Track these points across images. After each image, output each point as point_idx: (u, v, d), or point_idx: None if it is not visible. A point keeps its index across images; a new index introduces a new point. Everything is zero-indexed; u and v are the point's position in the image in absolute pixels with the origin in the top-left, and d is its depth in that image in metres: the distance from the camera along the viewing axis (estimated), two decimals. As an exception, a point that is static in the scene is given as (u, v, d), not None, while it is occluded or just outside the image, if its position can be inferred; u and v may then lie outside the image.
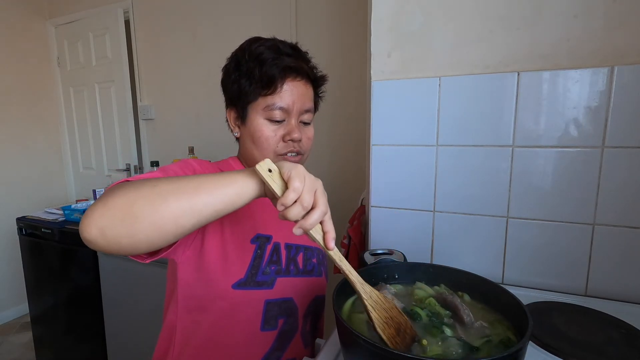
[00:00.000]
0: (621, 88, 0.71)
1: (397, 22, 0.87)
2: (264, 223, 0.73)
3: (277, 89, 0.68)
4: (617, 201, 0.74)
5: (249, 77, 0.69)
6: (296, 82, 0.70)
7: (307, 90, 0.72)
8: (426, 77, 0.85)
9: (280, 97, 0.68)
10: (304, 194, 0.45)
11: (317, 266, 0.80)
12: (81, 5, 2.57)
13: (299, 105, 0.70)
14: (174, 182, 0.48)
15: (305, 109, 0.71)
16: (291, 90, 0.69)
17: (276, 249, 0.72)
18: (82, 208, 1.98)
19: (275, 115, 0.69)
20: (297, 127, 0.70)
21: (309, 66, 0.72)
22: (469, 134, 0.83)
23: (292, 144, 0.70)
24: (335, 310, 0.51)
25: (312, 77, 0.74)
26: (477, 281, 0.60)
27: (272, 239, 0.72)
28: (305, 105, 0.71)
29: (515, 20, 0.77)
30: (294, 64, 0.69)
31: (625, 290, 0.76)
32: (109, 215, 0.44)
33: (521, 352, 0.43)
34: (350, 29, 1.67)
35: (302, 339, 0.75)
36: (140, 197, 0.45)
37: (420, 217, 0.90)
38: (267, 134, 0.69)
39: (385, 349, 0.42)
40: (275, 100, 0.68)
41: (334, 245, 0.48)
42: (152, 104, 2.37)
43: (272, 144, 0.70)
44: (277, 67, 0.68)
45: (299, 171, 0.47)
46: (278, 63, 0.68)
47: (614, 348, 0.59)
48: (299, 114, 0.71)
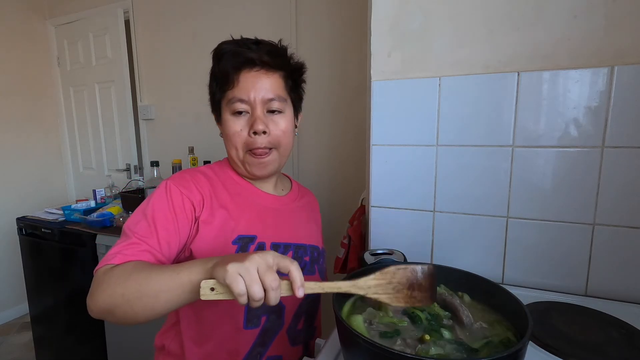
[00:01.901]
0: (621, 88, 0.71)
1: (397, 22, 0.87)
2: (247, 224, 0.72)
3: (234, 82, 0.70)
4: (617, 201, 0.74)
5: (214, 76, 0.75)
6: (254, 72, 0.70)
7: (270, 80, 0.71)
8: (426, 77, 0.85)
9: (239, 90, 0.70)
10: (250, 291, 0.44)
11: (310, 264, 0.80)
12: (81, 5, 2.57)
13: (262, 94, 0.70)
14: (139, 286, 0.53)
15: (269, 97, 0.70)
16: (248, 82, 0.70)
17: (260, 249, 0.71)
18: (82, 208, 1.98)
19: (236, 107, 0.70)
20: (262, 119, 0.70)
21: (274, 56, 0.72)
22: (469, 134, 0.83)
23: (259, 138, 0.70)
24: (335, 310, 0.51)
25: (277, 65, 0.72)
26: (477, 281, 0.60)
27: (257, 239, 0.72)
28: (268, 94, 0.70)
29: (516, 20, 0.77)
30: (250, 55, 0.69)
31: (625, 290, 0.75)
32: (103, 312, 0.56)
33: (521, 352, 0.43)
34: (350, 29, 1.67)
35: (288, 336, 0.75)
36: (116, 306, 0.54)
37: (420, 217, 0.90)
38: (233, 129, 0.71)
39: (385, 348, 0.42)
40: (235, 93, 0.70)
41: (304, 291, 0.47)
42: (152, 104, 2.37)
43: (239, 140, 0.71)
44: (231, 61, 0.70)
45: (233, 272, 0.44)
46: (233, 57, 0.70)
47: (614, 348, 0.59)
48: (263, 103, 0.70)
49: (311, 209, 0.91)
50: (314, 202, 0.95)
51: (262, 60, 0.70)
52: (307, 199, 0.91)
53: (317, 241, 0.86)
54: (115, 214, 1.86)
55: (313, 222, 0.89)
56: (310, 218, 0.89)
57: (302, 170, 1.89)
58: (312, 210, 0.92)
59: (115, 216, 1.85)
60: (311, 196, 0.95)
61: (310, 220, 0.88)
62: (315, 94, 1.79)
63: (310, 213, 0.90)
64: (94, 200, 2.11)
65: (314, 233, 0.87)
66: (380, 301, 0.49)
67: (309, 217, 0.88)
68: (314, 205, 0.95)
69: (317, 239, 0.87)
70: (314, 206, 0.94)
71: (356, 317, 0.54)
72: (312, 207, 0.93)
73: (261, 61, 0.70)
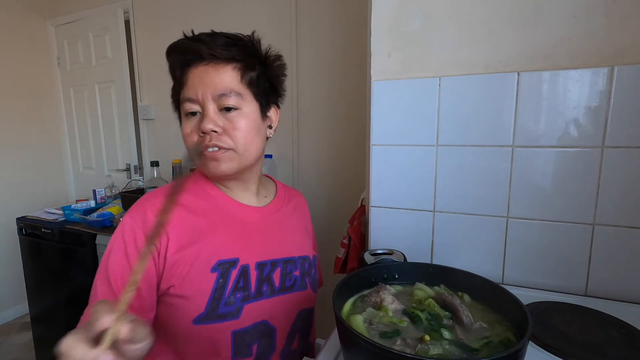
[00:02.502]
0: (621, 88, 0.71)
1: (397, 22, 0.87)
2: (227, 245, 0.66)
3: (183, 81, 0.66)
4: (617, 201, 0.74)
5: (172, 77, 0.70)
6: (202, 67, 0.64)
7: (221, 73, 0.63)
8: (426, 77, 0.85)
9: (188, 88, 0.64)
10: None
11: (301, 279, 0.74)
12: (81, 5, 2.57)
13: (210, 90, 0.63)
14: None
15: (220, 93, 0.63)
16: (196, 78, 0.64)
17: (244, 272, 0.65)
18: (82, 208, 1.98)
19: (187, 108, 0.65)
20: (212, 117, 0.63)
21: (227, 47, 0.63)
22: (469, 134, 0.83)
23: (208, 137, 0.63)
24: (335, 311, 0.51)
25: (230, 57, 0.64)
26: (477, 281, 0.60)
27: (239, 262, 0.65)
28: (218, 89, 0.63)
29: (516, 20, 0.77)
30: (198, 49, 0.63)
31: (626, 290, 0.75)
32: None
33: (521, 352, 0.42)
34: (350, 29, 1.67)
35: (281, 358, 0.71)
36: None
37: (420, 217, 0.90)
38: (185, 131, 0.66)
39: (385, 348, 0.42)
40: (185, 93, 0.65)
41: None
42: (152, 104, 2.37)
43: (190, 142, 0.66)
44: (178, 59, 0.66)
45: None
46: (181, 55, 0.66)
47: (614, 348, 0.59)
48: (214, 100, 0.63)
49: (300, 214, 0.85)
50: (302, 203, 0.88)
51: (212, 54, 0.63)
52: (295, 202, 0.84)
53: (308, 250, 0.80)
54: (115, 214, 1.86)
55: (303, 228, 0.83)
56: (299, 224, 0.82)
57: (302, 171, 1.89)
58: (301, 215, 0.85)
59: (115, 216, 1.85)
60: (299, 197, 0.88)
61: (299, 227, 0.82)
62: (316, 94, 1.79)
63: (299, 218, 0.83)
64: (94, 200, 2.11)
65: (304, 241, 0.80)
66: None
67: (297, 224, 0.82)
68: (303, 207, 0.88)
69: (307, 247, 0.80)
70: (302, 209, 0.87)
71: (356, 317, 0.54)
72: (302, 211, 0.86)
73: (210, 54, 0.63)
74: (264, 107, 0.69)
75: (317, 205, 1.89)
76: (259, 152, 0.70)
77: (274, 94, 0.73)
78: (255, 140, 0.67)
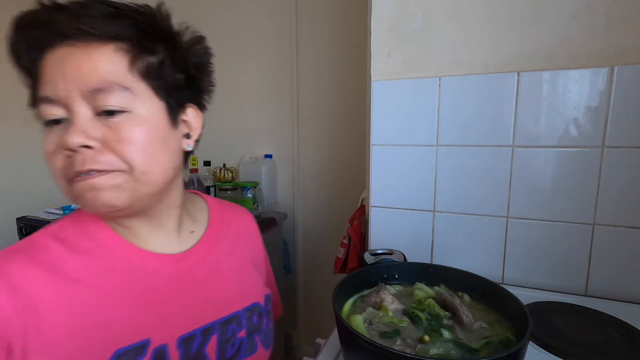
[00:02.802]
0: (621, 88, 0.71)
1: (397, 22, 0.87)
2: (129, 324, 0.45)
3: (36, 72, 0.43)
4: (617, 201, 0.74)
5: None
6: (62, 50, 0.41)
7: (94, 57, 0.41)
8: (426, 77, 0.85)
9: (44, 83, 0.42)
10: None
11: (248, 340, 0.56)
12: (81, 5, 2.57)
13: (78, 83, 0.41)
14: None
15: (93, 87, 0.41)
16: (55, 66, 0.41)
17: (159, 356, 0.46)
18: (82, 208, 1.98)
19: (44, 113, 0.43)
20: (81, 124, 0.41)
21: (107, 19, 0.42)
22: (469, 134, 0.83)
23: (78, 157, 0.41)
24: (335, 310, 0.51)
25: (111, 32, 0.42)
26: (477, 281, 0.60)
27: (150, 345, 0.45)
28: (89, 81, 0.41)
29: (515, 20, 0.77)
30: (57, 20, 0.41)
31: (625, 290, 0.75)
32: None
33: (521, 352, 0.43)
34: (350, 29, 1.67)
35: None
36: None
37: (420, 217, 0.90)
38: (46, 149, 0.44)
39: (385, 348, 0.42)
40: (40, 91, 0.43)
41: None
42: (152, 104, 2.37)
43: (55, 165, 0.44)
44: (21, 38, 0.43)
45: None
46: (25, 32, 0.42)
47: (614, 348, 0.59)
48: (85, 98, 0.41)
49: (244, 242, 0.63)
50: (247, 224, 0.67)
51: (79, 27, 0.40)
52: (236, 228, 0.63)
53: (257, 292, 0.60)
54: (115, 214, 1.86)
55: (249, 262, 0.62)
56: (243, 259, 0.61)
57: (302, 171, 1.89)
58: (246, 243, 0.64)
59: (115, 216, 1.85)
60: (241, 216, 0.66)
61: (243, 263, 0.61)
62: (316, 94, 1.79)
63: (243, 250, 0.62)
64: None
65: (251, 282, 0.60)
66: None
67: (241, 260, 0.61)
68: (248, 230, 0.66)
69: (256, 289, 0.60)
70: (248, 232, 0.66)
71: (356, 317, 0.54)
72: (246, 237, 0.65)
73: (76, 29, 0.40)
74: (173, 108, 0.48)
75: (317, 206, 1.89)
76: (169, 174, 0.48)
77: (191, 89, 0.51)
78: (159, 156, 0.45)
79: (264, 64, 1.89)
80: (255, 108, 1.96)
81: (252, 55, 1.92)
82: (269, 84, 1.89)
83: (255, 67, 1.92)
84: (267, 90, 1.90)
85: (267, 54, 1.88)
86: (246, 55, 1.93)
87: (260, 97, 1.93)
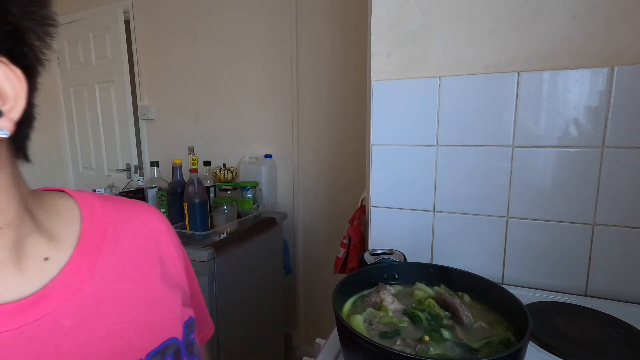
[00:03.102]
0: (621, 88, 0.71)
1: (397, 22, 0.87)
2: None
3: None
4: (617, 201, 0.74)
5: None
6: None
7: None
8: (426, 77, 0.85)
9: None
10: None
11: None
12: (81, 5, 2.57)
13: None
14: None
15: None
16: None
17: None
18: (82, 208, 1.97)
19: None
20: None
21: None
22: (469, 134, 0.83)
23: None
24: (335, 310, 0.51)
25: None
26: (477, 281, 0.60)
27: None
28: None
29: (516, 20, 0.77)
30: None
31: (625, 290, 0.75)
32: None
33: (521, 352, 0.43)
34: (350, 29, 1.67)
35: None
36: None
37: (420, 217, 0.90)
38: None
39: (385, 348, 0.42)
40: None
41: None
42: (152, 104, 2.37)
43: None
44: None
45: None
46: None
47: (614, 348, 0.59)
48: None
49: (147, 256, 0.42)
50: (151, 226, 0.44)
51: None
52: (132, 236, 0.41)
53: (173, 322, 0.42)
54: (115, 214, 1.86)
55: (156, 282, 0.42)
56: (146, 281, 0.41)
57: (302, 171, 1.89)
58: (150, 257, 0.42)
59: (115, 216, 1.85)
60: (142, 218, 0.44)
61: (147, 286, 0.41)
62: (315, 93, 1.79)
63: (144, 267, 0.41)
64: (94, 200, 2.11)
65: (161, 311, 0.41)
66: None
67: (141, 282, 0.40)
68: (153, 234, 0.44)
69: (171, 318, 0.42)
70: (152, 240, 0.44)
71: (356, 317, 0.54)
72: (149, 249, 0.43)
73: None
74: None
75: (317, 206, 1.89)
76: None
77: (7, 39, 0.29)
78: None
79: (264, 64, 1.89)
80: (255, 108, 1.96)
81: (253, 55, 1.92)
82: (269, 84, 1.90)
83: (256, 67, 1.92)
84: (267, 90, 1.91)
85: (267, 53, 1.88)
86: (246, 55, 1.93)
87: (261, 97, 1.93)
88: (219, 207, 1.49)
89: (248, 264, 1.55)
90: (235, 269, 1.47)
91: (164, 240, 0.46)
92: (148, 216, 0.46)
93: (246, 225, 1.59)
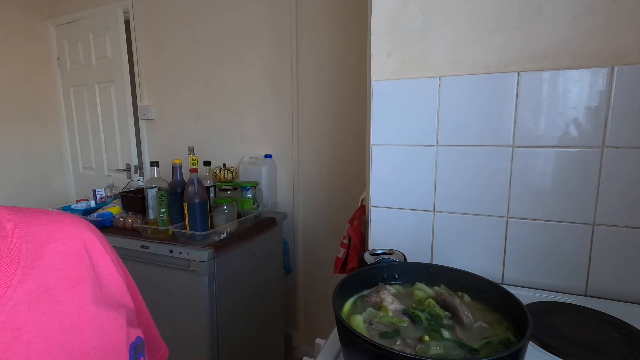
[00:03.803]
0: (621, 88, 0.71)
1: (397, 22, 0.87)
2: None
3: None
4: (617, 201, 0.74)
5: None
6: None
7: None
8: (426, 77, 0.85)
9: None
10: None
11: None
12: (81, 5, 2.57)
13: None
14: None
15: None
16: None
17: None
18: (82, 208, 1.98)
19: None
20: None
21: None
22: (469, 134, 0.83)
23: None
24: (335, 310, 0.51)
25: None
26: (477, 281, 0.60)
27: None
28: None
29: (515, 20, 0.77)
30: None
31: (625, 290, 0.75)
32: None
33: (521, 352, 0.43)
34: (350, 29, 1.67)
35: None
36: None
37: (420, 217, 0.90)
38: None
39: (385, 348, 0.42)
40: None
41: None
42: (152, 104, 2.37)
43: None
44: None
45: None
46: None
47: (614, 348, 0.59)
48: None
49: (75, 276, 0.35)
50: (78, 240, 0.38)
51: None
52: (53, 252, 0.35)
53: (116, 345, 0.36)
54: (115, 214, 1.86)
55: (88, 303, 0.35)
56: (76, 303, 0.34)
57: (302, 171, 1.89)
58: (79, 275, 0.36)
59: (115, 216, 1.84)
60: (65, 232, 0.37)
61: (77, 309, 0.34)
62: (316, 94, 1.79)
63: (73, 287, 0.35)
64: (94, 200, 2.11)
65: (101, 334, 0.35)
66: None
67: (69, 305, 0.34)
68: (83, 249, 0.38)
69: (113, 341, 0.36)
70: (81, 256, 0.37)
71: (356, 317, 0.54)
72: (78, 268, 0.36)
73: None
74: None
75: (317, 206, 1.89)
76: None
77: None
78: None
79: (264, 64, 1.89)
80: (255, 108, 1.96)
81: (253, 55, 1.92)
82: (269, 84, 1.90)
83: (256, 67, 1.92)
84: (267, 90, 1.91)
85: (267, 54, 1.88)
86: (246, 55, 1.93)
87: (261, 97, 1.93)
88: (219, 207, 1.49)
89: (248, 264, 1.56)
90: (235, 269, 1.47)
91: (97, 253, 0.40)
92: (75, 228, 0.39)
93: (246, 225, 1.59)
